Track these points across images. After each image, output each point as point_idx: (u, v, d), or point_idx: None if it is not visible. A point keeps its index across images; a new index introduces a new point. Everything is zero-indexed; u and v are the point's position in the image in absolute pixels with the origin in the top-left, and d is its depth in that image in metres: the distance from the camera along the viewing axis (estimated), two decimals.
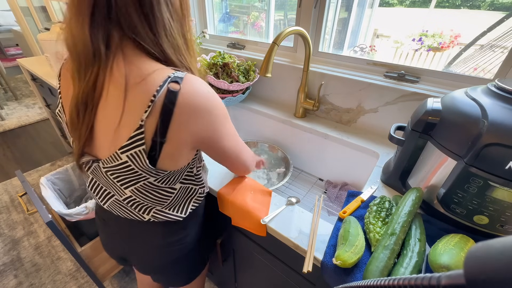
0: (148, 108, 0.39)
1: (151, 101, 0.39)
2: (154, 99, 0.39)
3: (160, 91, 0.39)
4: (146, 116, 0.40)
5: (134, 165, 0.44)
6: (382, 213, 0.54)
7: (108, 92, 0.41)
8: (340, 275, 0.47)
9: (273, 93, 1.15)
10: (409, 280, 0.18)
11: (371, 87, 0.85)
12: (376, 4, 1.98)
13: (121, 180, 0.48)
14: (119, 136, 0.42)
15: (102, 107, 0.43)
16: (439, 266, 0.41)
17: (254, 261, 0.79)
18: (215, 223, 0.83)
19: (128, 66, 0.41)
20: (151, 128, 0.41)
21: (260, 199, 0.64)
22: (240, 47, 1.21)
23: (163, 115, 0.40)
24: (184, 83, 0.41)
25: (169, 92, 0.39)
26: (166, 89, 0.39)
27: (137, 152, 0.42)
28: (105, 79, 0.41)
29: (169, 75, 0.41)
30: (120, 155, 0.43)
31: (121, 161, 0.44)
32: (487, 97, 0.48)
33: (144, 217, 0.56)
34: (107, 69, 0.40)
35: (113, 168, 0.46)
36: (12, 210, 1.77)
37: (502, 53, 1.51)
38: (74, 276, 1.37)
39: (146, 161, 0.43)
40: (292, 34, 0.81)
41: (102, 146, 0.46)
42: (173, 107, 0.40)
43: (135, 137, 0.41)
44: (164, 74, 0.41)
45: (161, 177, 0.48)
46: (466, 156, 0.46)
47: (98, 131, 0.45)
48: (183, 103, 0.40)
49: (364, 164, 0.87)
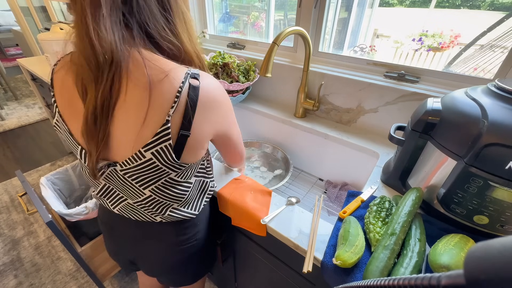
0: (175, 104, 0.40)
1: (176, 97, 0.40)
2: (179, 94, 0.40)
3: (184, 86, 0.41)
4: (173, 112, 0.41)
5: (158, 161, 0.44)
6: (382, 213, 0.54)
7: (127, 92, 0.40)
8: (340, 275, 0.47)
9: (273, 93, 1.15)
10: (409, 280, 0.18)
11: (371, 87, 0.85)
12: (376, 4, 1.98)
13: (141, 180, 0.48)
14: (144, 134, 0.42)
15: (120, 108, 0.41)
16: (439, 266, 0.41)
17: (254, 261, 0.79)
18: (215, 223, 0.84)
19: (148, 63, 0.40)
20: (176, 122, 0.42)
21: (260, 199, 0.64)
22: (240, 47, 1.21)
23: (188, 109, 0.41)
24: (201, 79, 0.43)
25: (192, 87, 0.41)
26: (188, 85, 0.41)
27: (162, 148, 0.43)
28: (122, 79, 0.40)
29: (187, 71, 0.42)
30: (144, 153, 0.43)
31: (145, 159, 0.44)
32: (487, 97, 0.48)
33: (155, 219, 0.56)
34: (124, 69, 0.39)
35: (133, 168, 0.45)
36: (12, 210, 1.77)
37: (502, 53, 1.51)
38: (74, 276, 1.37)
39: (172, 155, 0.44)
40: (292, 34, 0.81)
41: (120, 148, 0.45)
42: (196, 101, 0.42)
43: (161, 132, 0.41)
44: (182, 70, 0.42)
45: (182, 171, 0.49)
46: (466, 156, 0.46)
47: (115, 134, 0.43)
48: (205, 96, 0.43)
49: (364, 164, 0.87)
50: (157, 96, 0.40)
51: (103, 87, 0.39)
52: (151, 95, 0.40)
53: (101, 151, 0.44)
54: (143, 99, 0.40)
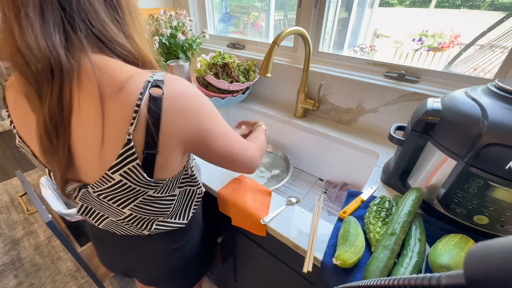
0: (134, 120, 0.35)
1: (135, 111, 0.35)
2: (138, 109, 0.34)
3: (143, 99, 0.35)
4: (133, 130, 0.35)
5: (130, 182, 0.40)
6: (382, 213, 0.54)
7: (80, 106, 0.35)
8: (340, 275, 0.47)
9: (273, 93, 1.15)
10: (409, 280, 0.18)
11: (371, 87, 0.85)
12: (376, 4, 1.98)
13: (118, 200, 0.44)
14: (105, 156, 0.37)
15: (76, 125, 0.36)
16: (439, 266, 0.41)
17: (254, 261, 0.79)
18: (215, 223, 0.84)
19: (98, 73, 0.35)
20: (140, 140, 0.36)
21: (260, 199, 0.64)
22: (240, 47, 1.21)
23: (150, 125, 0.36)
24: (166, 86, 0.37)
25: (153, 99, 0.35)
26: (148, 96, 0.35)
27: (130, 168, 0.38)
28: (73, 92, 0.34)
29: (148, 79, 0.36)
30: (112, 175, 0.38)
31: (115, 181, 0.39)
32: (487, 97, 0.48)
33: (143, 232, 0.53)
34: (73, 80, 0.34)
35: (106, 190, 0.41)
36: (12, 210, 1.77)
37: (502, 53, 1.51)
38: (74, 276, 1.37)
39: (143, 175, 0.39)
40: (292, 34, 0.81)
41: (87, 168, 0.40)
42: (160, 114, 0.36)
43: (125, 153, 0.36)
44: (142, 78, 0.36)
45: (160, 187, 0.44)
46: (466, 156, 0.46)
47: (77, 153, 0.39)
48: (170, 107, 0.37)
49: (364, 164, 0.87)
50: (112, 111, 0.35)
51: (48, 102, 0.33)
52: (104, 110, 0.35)
53: (68, 171, 0.40)
54: (97, 115, 0.35)
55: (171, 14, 1.07)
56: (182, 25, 1.09)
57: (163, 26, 1.03)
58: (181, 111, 0.38)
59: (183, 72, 0.99)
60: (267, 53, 0.78)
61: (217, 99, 1.01)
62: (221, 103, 1.02)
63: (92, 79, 0.34)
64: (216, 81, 0.96)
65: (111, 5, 0.38)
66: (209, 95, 1.02)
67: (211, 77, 0.97)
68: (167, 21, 1.06)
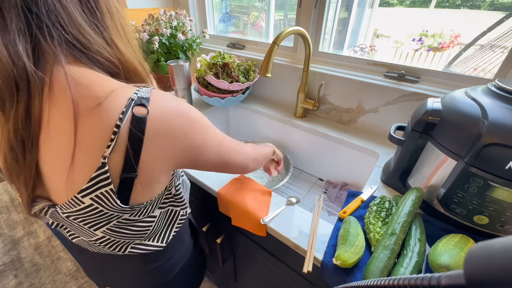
0: (111, 142, 0.31)
1: (114, 133, 0.31)
2: (118, 130, 0.31)
3: (124, 119, 0.31)
4: (109, 153, 0.31)
5: (102, 206, 0.36)
6: (382, 213, 0.54)
7: (50, 123, 0.31)
8: (340, 275, 0.47)
9: (273, 93, 1.15)
10: (409, 280, 0.18)
11: (371, 87, 0.85)
12: (376, 4, 1.98)
13: (88, 223, 0.39)
14: (75, 178, 0.33)
15: (44, 143, 0.33)
16: (439, 266, 0.41)
17: (254, 261, 0.79)
18: (215, 223, 0.84)
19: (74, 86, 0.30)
20: (117, 164, 0.33)
21: (260, 199, 0.64)
22: (240, 47, 1.21)
23: (131, 148, 0.32)
24: (152, 104, 0.33)
25: (136, 120, 0.31)
26: (131, 116, 0.31)
27: (103, 193, 0.34)
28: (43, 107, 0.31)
29: (131, 96, 0.32)
30: (82, 199, 0.35)
31: (84, 205, 0.35)
32: (487, 97, 0.48)
33: (117, 253, 0.48)
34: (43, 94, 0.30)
35: (76, 213, 0.37)
36: (12, 210, 1.77)
37: (502, 53, 1.51)
38: (74, 276, 1.37)
39: (116, 201, 0.35)
40: (292, 34, 0.81)
41: (55, 189, 0.36)
42: (143, 137, 0.32)
43: (97, 177, 0.33)
44: (125, 94, 0.32)
45: (137, 210, 0.40)
46: (466, 156, 0.46)
47: (46, 172, 0.35)
48: (155, 129, 0.33)
49: (364, 164, 0.87)
50: (86, 130, 0.31)
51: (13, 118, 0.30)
52: (77, 128, 0.30)
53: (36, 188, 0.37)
54: (69, 133, 0.31)
55: (171, 14, 1.07)
56: (182, 25, 1.09)
57: (163, 26, 1.03)
58: (168, 133, 0.34)
59: (183, 72, 0.99)
60: (267, 53, 0.78)
61: (217, 99, 1.01)
62: (221, 103, 1.02)
63: (66, 93, 0.30)
64: (216, 81, 0.96)
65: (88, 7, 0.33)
66: (209, 95, 1.02)
67: (211, 77, 0.97)
68: (167, 21, 1.06)
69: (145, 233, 0.46)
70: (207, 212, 0.84)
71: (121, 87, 0.33)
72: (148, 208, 0.42)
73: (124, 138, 0.31)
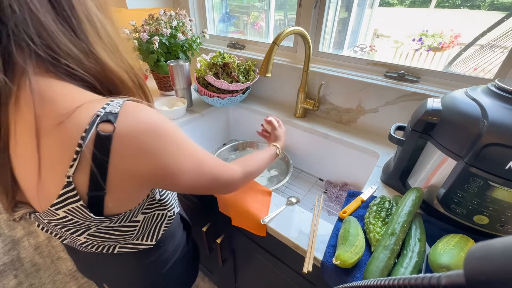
0: (74, 162, 0.30)
1: (76, 152, 0.30)
2: (80, 149, 0.29)
3: (87, 138, 0.29)
4: (73, 172, 0.31)
5: (76, 218, 0.35)
6: (382, 213, 0.54)
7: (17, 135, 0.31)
8: (340, 275, 0.47)
9: (273, 93, 1.15)
10: (409, 280, 0.18)
11: (371, 87, 0.85)
12: (376, 4, 1.98)
13: (69, 230, 0.40)
14: (45, 192, 0.33)
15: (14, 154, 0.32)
16: (439, 266, 0.41)
17: (254, 261, 0.79)
18: (215, 223, 0.84)
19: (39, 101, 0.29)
20: (83, 182, 0.32)
21: (260, 199, 0.64)
22: (240, 47, 1.21)
23: (95, 167, 0.31)
24: (120, 121, 0.31)
25: (100, 138, 0.30)
26: (94, 134, 0.30)
27: (74, 208, 0.34)
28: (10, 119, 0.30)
29: (98, 112, 0.30)
30: (55, 211, 0.34)
31: (59, 216, 0.35)
32: (487, 97, 0.48)
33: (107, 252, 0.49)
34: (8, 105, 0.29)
35: (55, 221, 0.37)
36: None
37: (502, 53, 1.51)
38: (74, 276, 1.37)
39: (89, 214, 0.35)
40: (292, 34, 0.81)
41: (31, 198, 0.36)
42: (108, 156, 0.31)
43: (65, 194, 0.32)
44: (91, 111, 0.30)
45: (116, 219, 0.39)
46: (466, 156, 0.46)
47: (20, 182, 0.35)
48: (121, 148, 0.31)
49: (364, 164, 0.87)
50: (49, 148, 0.30)
51: None
52: (39, 146, 0.30)
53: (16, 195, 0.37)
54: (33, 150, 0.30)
55: (171, 14, 1.07)
56: (182, 25, 1.09)
57: (163, 26, 1.03)
58: (136, 151, 0.32)
59: (183, 72, 1.00)
60: (267, 53, 0.78)
61: (217, 99, 1.01)
62: (221, 103, 1.02)
63: (31, 107, 0.29)
64: (216, 81, 0.96)
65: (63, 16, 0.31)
66: (209, 95, 1.02)
67: (211, 77, 0.97)
68: (167, 21, 1.06)
69: (130, 236, 0.46)
70: (207, 212, 0.84)
71: (90, 102, 0.31)
72: (128, 216, 0.41)
73: (88, 157, 0.30)
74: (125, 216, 0.40)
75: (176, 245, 0.61)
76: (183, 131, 1.10)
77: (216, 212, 0.72)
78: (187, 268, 0.68)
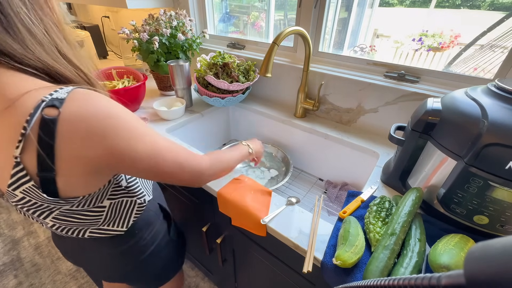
0: (19, 143, 0.32)
1: (21, 135, 0.32)
2: (25, 132, 0.32)
3: (31, 121, 0.32)
4: (19, 153, 0.33)
5: (34, 199, 0.37)
6: (382, 213, 0.54)
7: None
8: (340, 275, 0.47)
9: (273, 93, 1.15)
10: (409, 280, 0.18)
11: (371, 87, 0.85)
12: (376, 4, 1.97)
13: (34, 212, 0.41)
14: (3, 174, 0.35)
15: None
16: (439, 266, 0.41)
17: (254, 261, 0.79)
18: (215, 223, 0.84)
19: None
20: (32, 163, 0.34)
21: (260, 199, 0.64)
22: (240, 47, 1.21)
23: (41, 149, 0.33)
24: (66, 105, 0.33)
25: (44, 122, 0.32)
26: (39, 118, 0.32)
27: (28, 188, 0.36)
28: None
29: (44, 97, 0.32)
30: (13, 192, 0.36)
31: (18, 197, 0.37)
32: (487, 97, 0.48)
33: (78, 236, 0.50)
34: None
35: (18, 203, 0.39)
36: (12, 210, 1.77)
37: (502, 53, 1.51)
38: (74, 276, 1.37)
39: (42, 195, 0.36)
40: (292, 34, 0.81)
41: None
42: (53, 138, 0.32)
43: (16, 174, 0.35)
44: (37, 97, 0.32)
45: (76, 203, 0.41)
46: (466, 156, 0.46)
47: None
48: (67, 131, 0.33)
49: (364, 164, 0.87)
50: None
51: None
52: None
53: None
54: None
55: (171, 14, 1.07)
56: (182, 25, 1.09)
57: (163, 26, 1.03)
58: (83, 134, 0.34)
59: (183, 72, 0.99)
60: (267, 53, 0.78)
61: (217, 99, 1.01)
62: (221, 103, 1.02)
63: None
64: (216, 81, 0.96)
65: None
66: (209, 95, 1.02)
67: (211, 77, 0.97)
68: (167, 21, 1.06)
69: (97, 221, 0.47)
70: (207, 212, 0.84)
71: (39, 89, 0.34)
72: (90, 200, 0.42)
73: (33, 139, 0.32)
74: (87, 201, 0.42)
75: (155, 233, 0.63)
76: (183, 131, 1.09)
77: (216, 212, 0.72)
78: (170, 256, 0.70)
